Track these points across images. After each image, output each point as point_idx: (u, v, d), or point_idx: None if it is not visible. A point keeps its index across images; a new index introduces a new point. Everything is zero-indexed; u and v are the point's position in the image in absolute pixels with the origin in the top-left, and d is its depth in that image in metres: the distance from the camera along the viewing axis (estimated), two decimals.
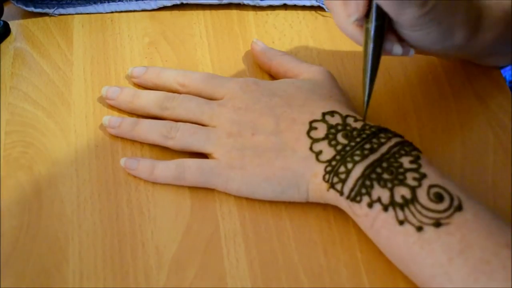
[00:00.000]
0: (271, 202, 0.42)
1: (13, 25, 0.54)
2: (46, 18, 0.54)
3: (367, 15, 0.40)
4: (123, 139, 0.46)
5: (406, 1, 0.37)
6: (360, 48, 0.41)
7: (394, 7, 0.38)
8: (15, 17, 0.54)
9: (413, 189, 0.37)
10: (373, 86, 0.41)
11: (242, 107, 0.43)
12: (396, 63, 0.50)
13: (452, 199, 0.36)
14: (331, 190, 0.39)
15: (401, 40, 0.41)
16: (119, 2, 0.54)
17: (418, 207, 0.36)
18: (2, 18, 0.53)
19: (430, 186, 0.37)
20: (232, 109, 0.43)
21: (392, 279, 0.38)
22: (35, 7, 0.53)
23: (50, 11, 0.54)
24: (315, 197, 0.40)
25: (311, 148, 0.40)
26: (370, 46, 0.40)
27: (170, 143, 0.44)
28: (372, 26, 0.39)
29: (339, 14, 0.41)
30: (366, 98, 0.41)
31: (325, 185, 0.39)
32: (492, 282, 0.33)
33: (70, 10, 0.54)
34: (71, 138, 0.46)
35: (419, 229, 0.35)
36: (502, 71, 0.49)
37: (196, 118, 0.44)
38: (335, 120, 0.41)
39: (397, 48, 0.41)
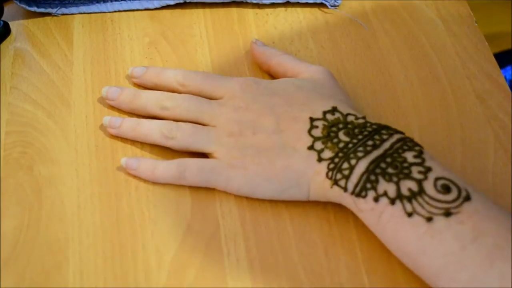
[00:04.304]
0: (272, 202, 0.42)
1: (13, 25, 0.53)
2: (47, 18, 0.54)
3: None
4: (123, 139, 0.46)
5: None
6: (359, 48, 0.41)
7: None
8: (15, 17, 0.54)
9: (419, 182, 0.37)
10: None
11: (243, 107, 0.43)
12: (396, 63, 0.50)
13: (459, 190, 0.36)
14: (335, 187, 0.39)
15: None
16: (122, 1, 0.54)
17: (426, 198, 0.36)
18: (2, 18, 0.53)
19: (437, 179, 0.37)
20: (232, 109, 0.43)
21: (392, 279, 0.38)
22: (37, 7, 0.53)
23: (53, 11, 0.54)
24: (316, 195, 0.40)
25: (312, 147, 0.40)
26: None
27: (170, 143, 0.44)
28: None
29: None
30: None
31: (328, 183, 0.39)
32: (507, 265, 0.33)
33: (73, 9, 0.54)
34: (71, 138, 0.46)
35: (429, 219, 0.35)
36: (502, 70, 0.49)
37: (197, 118, 0.44)
38: (336, 118, 0.41)
39: None
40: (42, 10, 0.53)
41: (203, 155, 0.43)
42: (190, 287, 0.39)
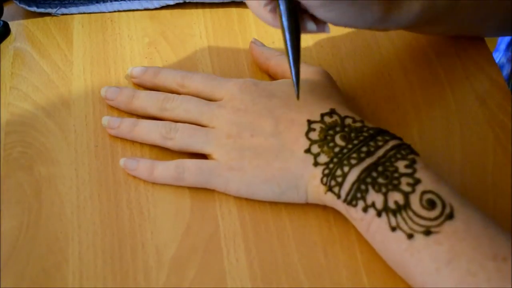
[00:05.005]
0: (271, 202, 0.42)
1: (13, 25, 0.54)
2: (46, 18, 0.54)
3: None
4: (123, 139, 0.46)
5: None
6: (359, 48, 0.41)
7: None
8: (15, 17, 0.54)
9: (406, 195, 0.37)
10: (299, 65, 0.39)
11: (242, 108, 0.43)
12: (396, 63, 0.50)
13: (444, 207, 0.36)
14: (329, 193, 0.39)
15: (315, 18, 0.39)
16: (121, 1, 0.54)
17: (410, 213, 0.36)
18: (2, 18, 0.53)
19: (423, 192, 0.37)
20: (231, 110, 0.43)
21: (391, 279, 0.38)
22: (37, 7, 0.53)
23: (53, 11, 0.54)
24: (314, 198, 0.40)
25: (309, 150, 0.40)
26: (285, 26, 0.38)
27: (169, 144, 0.44)
28: (282, 7, 0.38)
29: (251, 1, 0.40)
30: (294, 80, 0.39)
31: (323, 188, 0.39)
32: None
33: (73, 9, 0.54)
34: (71, 138, 0.46)
35: (410, 236, 0.36)
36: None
37: (196, 119, 0.44)
38: (333, 121, 0.41)
39: (311, 25, 0.39)
40: (41, 10, 0.53)
41: (202, 156, 0.43)
42: (190, 287, 0.39)
